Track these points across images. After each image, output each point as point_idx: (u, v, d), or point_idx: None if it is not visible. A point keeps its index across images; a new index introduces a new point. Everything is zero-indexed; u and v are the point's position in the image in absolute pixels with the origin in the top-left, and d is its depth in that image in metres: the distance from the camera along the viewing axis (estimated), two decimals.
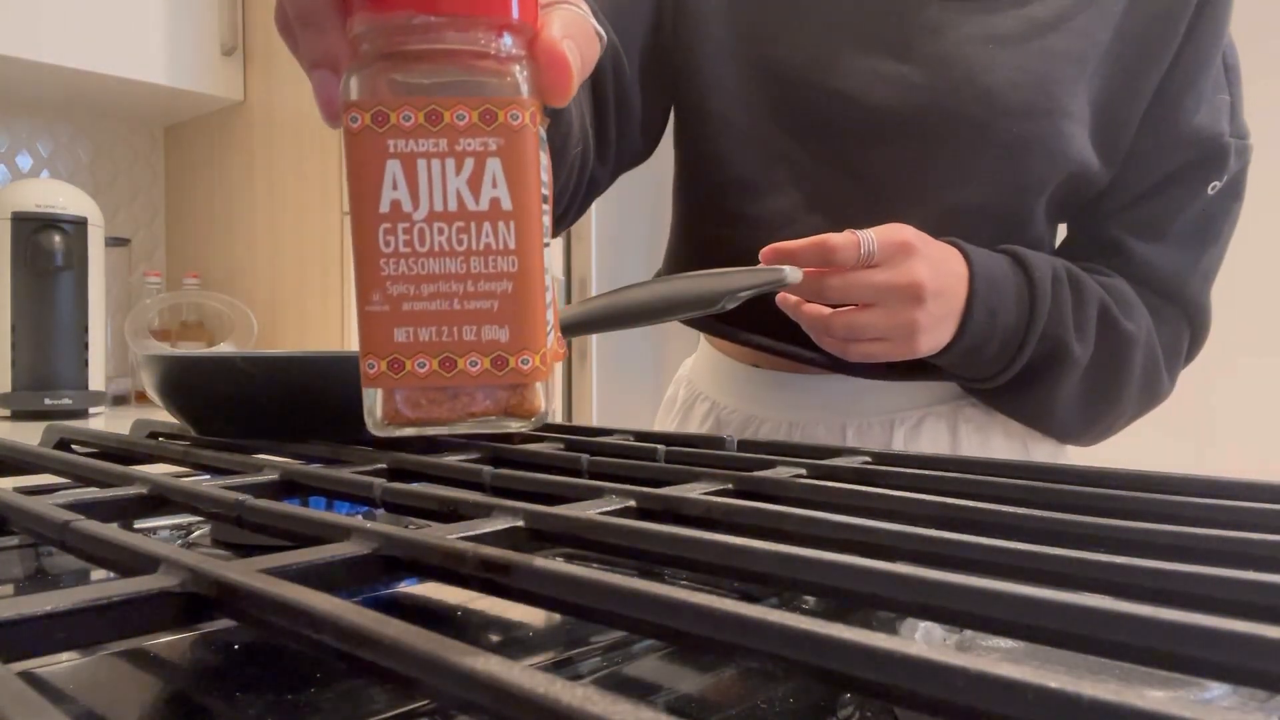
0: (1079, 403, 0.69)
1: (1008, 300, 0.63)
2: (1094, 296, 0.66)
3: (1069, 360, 0.65)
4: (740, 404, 0.77)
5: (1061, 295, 0.64)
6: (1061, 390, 0.67)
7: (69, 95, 1.69)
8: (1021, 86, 0.65)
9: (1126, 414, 0.73)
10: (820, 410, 0.72)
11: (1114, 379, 0.69)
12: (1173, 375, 0.73)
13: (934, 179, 0.67)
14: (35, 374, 1.40)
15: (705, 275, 0.48)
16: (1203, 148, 0.69)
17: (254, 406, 0.51)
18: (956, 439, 0.71)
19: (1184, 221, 0.71)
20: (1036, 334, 0.63)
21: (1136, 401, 0.72)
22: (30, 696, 0.14)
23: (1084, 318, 0.65)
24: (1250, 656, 0.16)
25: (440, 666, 0.15)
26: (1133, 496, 0.33)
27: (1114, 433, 0.75)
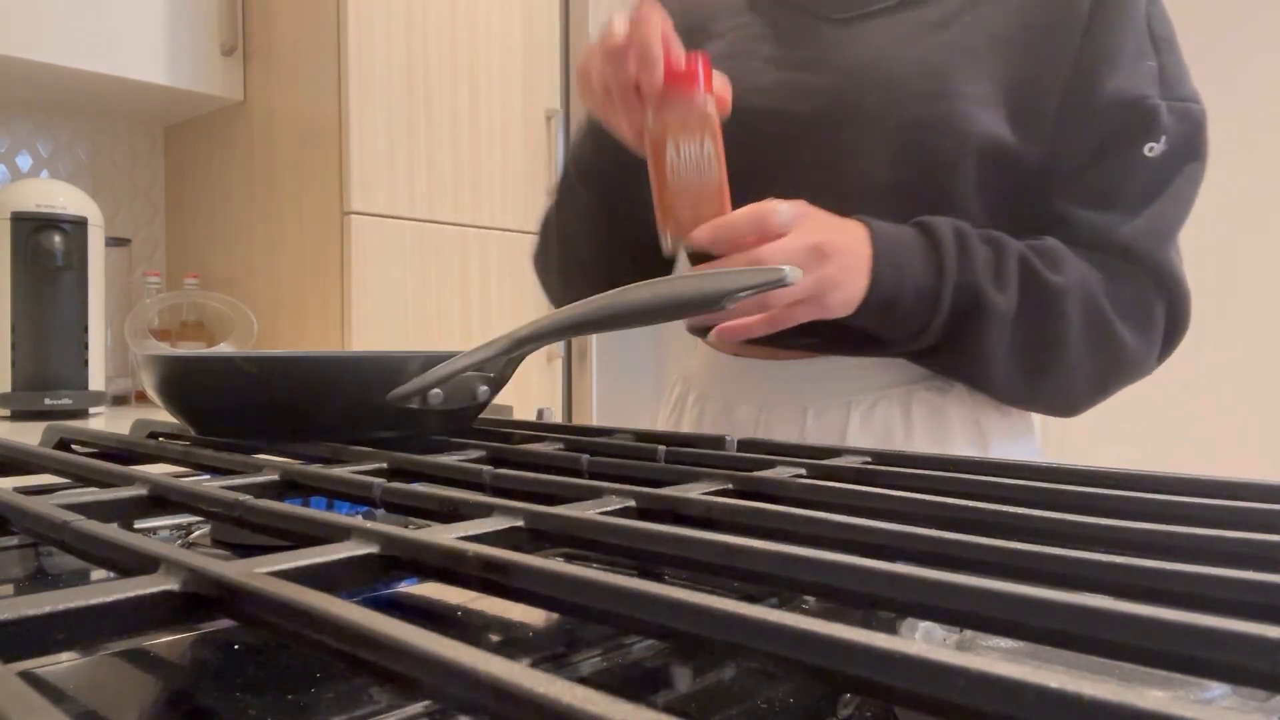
0: (1014, 358, 0.71)
1: (913, 256, 0.67)
2: (1013, 250, 0.69)
3: (990, 310, 0.68)
4: (721, 393, 0.83)
5: (970, 248, 0.68)
6: (990, 343, 0.69)
7: (69, 95, 1.69)
8: (918, 77, 0.73)
9: (1081, 372, 0.72)
10: (786, 394, 0.78)
11: (1047, 330, 0.70)
12: (1147, 338, 0.73)
13: (848, 169, 0.74)
14: (35, 374, 1.40)
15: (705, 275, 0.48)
16: (1127, 113, 0.72)
17: (254, 406, 0.51)
18: (910, 420, 0.76)
19: (1128, 186, 0.73)
20: (949, 284, 0.68)
21: (1090, 359, 0.72)
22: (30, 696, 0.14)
23: (1003, 270, 0.69)
24: (1250, 656, 0.16)
25: (440, 666, 0.15)
26: (1133, 496, 0.33)
27: (1079, 398, 0.75)
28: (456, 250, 1.71)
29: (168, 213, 1.95)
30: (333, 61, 1.57)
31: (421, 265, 1.66)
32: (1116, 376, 0.75)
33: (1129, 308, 0.73)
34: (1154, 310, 0.74)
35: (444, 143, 1.69)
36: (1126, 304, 0.73)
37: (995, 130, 0.72)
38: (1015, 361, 0.71)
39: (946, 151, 0.72)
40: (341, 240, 1.56)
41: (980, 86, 0.72)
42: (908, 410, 0.75)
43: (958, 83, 0.72)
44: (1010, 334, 0.70)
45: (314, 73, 1.60)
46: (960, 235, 0.69)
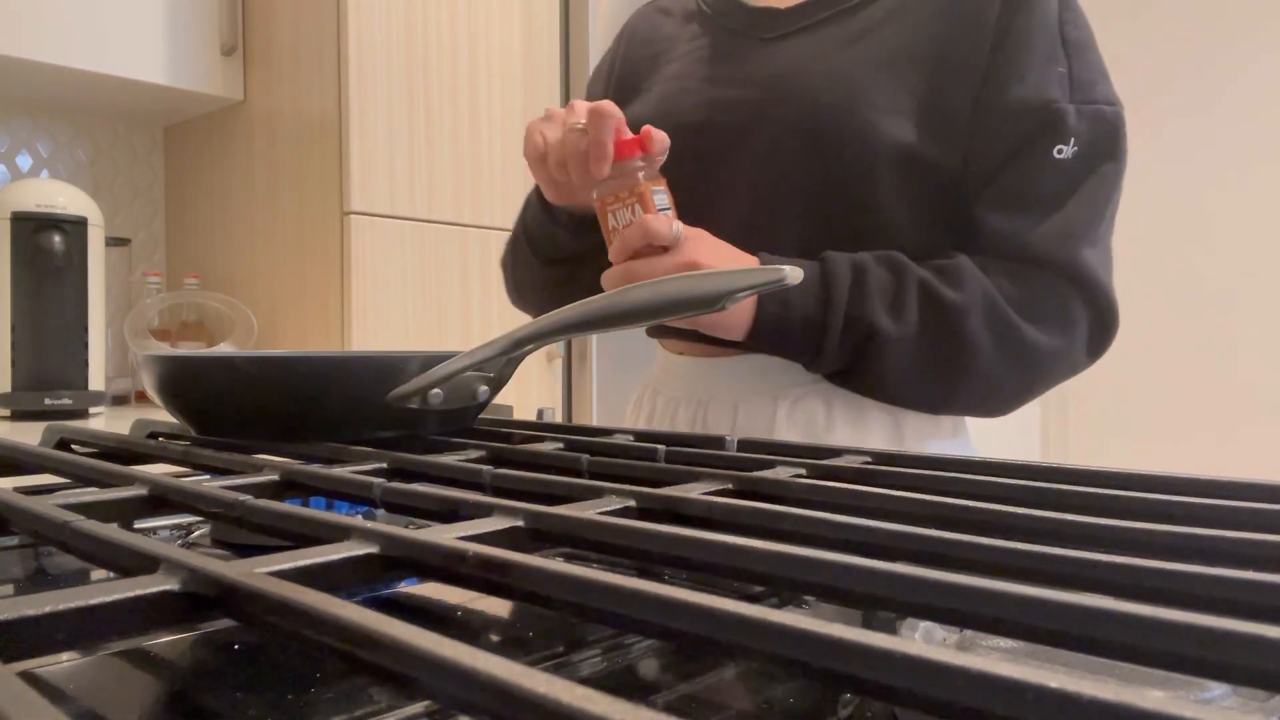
0: (922, 376, 0.74)
1: (804, 292, 0.73)
2: (912, 276, 0.73)
3: (885, 338, 0.72)
4: (668, 390, 0.89)
5: (866, 281, 0.73)
6: (891, 367, 0.73)
7: (69, 95, 1.69)
8: (829, 88, 0.77)
9: (996, 380, 0.75)
10: (721, 389, 0.84)
11: (951, 348, 0.73)
12: (1067, 336, 0.74)
13: (772, 177, 0.79)
14: (35, 374, 1.40)
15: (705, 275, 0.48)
16: (1035, 116, 0.74)
17: (254, 406, 0.51)
18: (831, 414, 0.80)
19: (1038, 189, 0.75)
20: (839, 315, 0.72)
21: (1004, 367, 0.74)
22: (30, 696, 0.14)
23: (902, 297, 0.73)
24: (1250, 656, 0.16)
25: (440, 666, 0.15)
26: (1133, 496, 0.33)
27: (1001, 403, 0.77)
28: (456, 250, 1.71)
29: (168, 213, 1.95)
30: (333, 61, 1.57)
31: (421, 265, 1.66)
32: (1039, 377, 0.76)
33: (1041, 311, 0.74)
34: (1071, 309, 0.75)
35: (444, 143, 1.69)
36: (1037, 308, 0.74)
37: (906, 139, 0.75)
38: (923, 379, 0.74)
39: (858, 159, 0.76)
40: (341, 240, 1.56)
41: (891, 97, 0.76)
42: (830, 405, 0.80)
43: (868, 94, 0.76)
44: (913, 355, 0.73)
45: (314, 73, 1.60)
46: (857, 268, 0.73)
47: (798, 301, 0.73)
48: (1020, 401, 0.78)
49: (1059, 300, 0.75)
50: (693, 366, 0.86)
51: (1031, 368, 0.75)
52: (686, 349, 0.87)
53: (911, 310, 0.73)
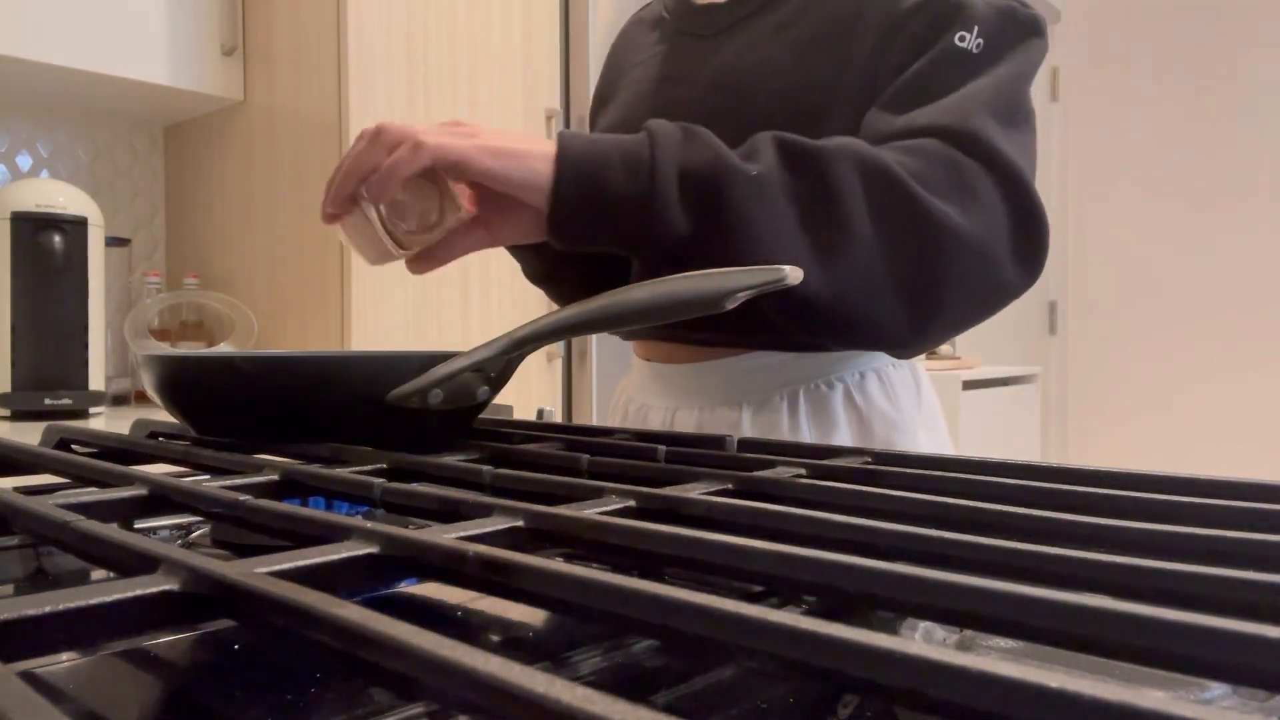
0: (797, 237, 0.62)
1: (615, 141, 0.62)
2: (764, 135, 0.64)
3: (737, 174, 0.61)
4: (640, 395, 0.89)
5: (697, 132, 0.63)
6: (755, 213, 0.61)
7: (69, 95, 1.69)
8: (769, 76, 0.75)
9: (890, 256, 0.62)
10: (689, 396, 0.83)
11: (823, 199, 0.62)
12: (980, 216, 0.63)
13: None
14: (35, 374, 1.40)
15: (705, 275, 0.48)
16: (931, 8, 0.70)
17: (254, 406, 0.51)
18: (797, 418, 0.79)
19: (939, 78, 0.69)
20: (670, 150, 0.61)
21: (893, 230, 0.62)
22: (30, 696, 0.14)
23: (753, 147, 0.63)
24: (1250, 656, 0.16)
25: (440, 666, 0.15)
26: (1133, 496, 0.33)
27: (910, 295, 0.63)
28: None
29: (168, 213, 1.95)
30: (333, 61, 1.57)
31: None
32: (949, 266, 0.63)
33: (935, 180, 0.63)
34: (974, 183, 0.64)
35: None
36: (930, 176, 0.64)
37: (847, 110, 0.72)
38: (799, 241, 0.62)
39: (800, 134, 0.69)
40: (340, 243, 1.56)
41: (829, 73, 0.73)
42: (795, 410, 0.79)
43: (804, 76, 0.74)
44: (778, 207, 0.61)
45: (314, 73, 1.60)
46: (685, 125, 0.64)
47: (612, 142, 0.61)
48: (934, 305, 0.63)
49: (956, 171, 0.64)
50: (661, 372, 0.86)
51: (934, 246, 0.62)
52: (655, 355, 0.87)
53: (766, 153, 0.63)
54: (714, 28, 0.83)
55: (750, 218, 0.61)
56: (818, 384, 0.80)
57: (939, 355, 2.83)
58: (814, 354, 0.80)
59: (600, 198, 0.60)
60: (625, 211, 0.61)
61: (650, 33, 0.92)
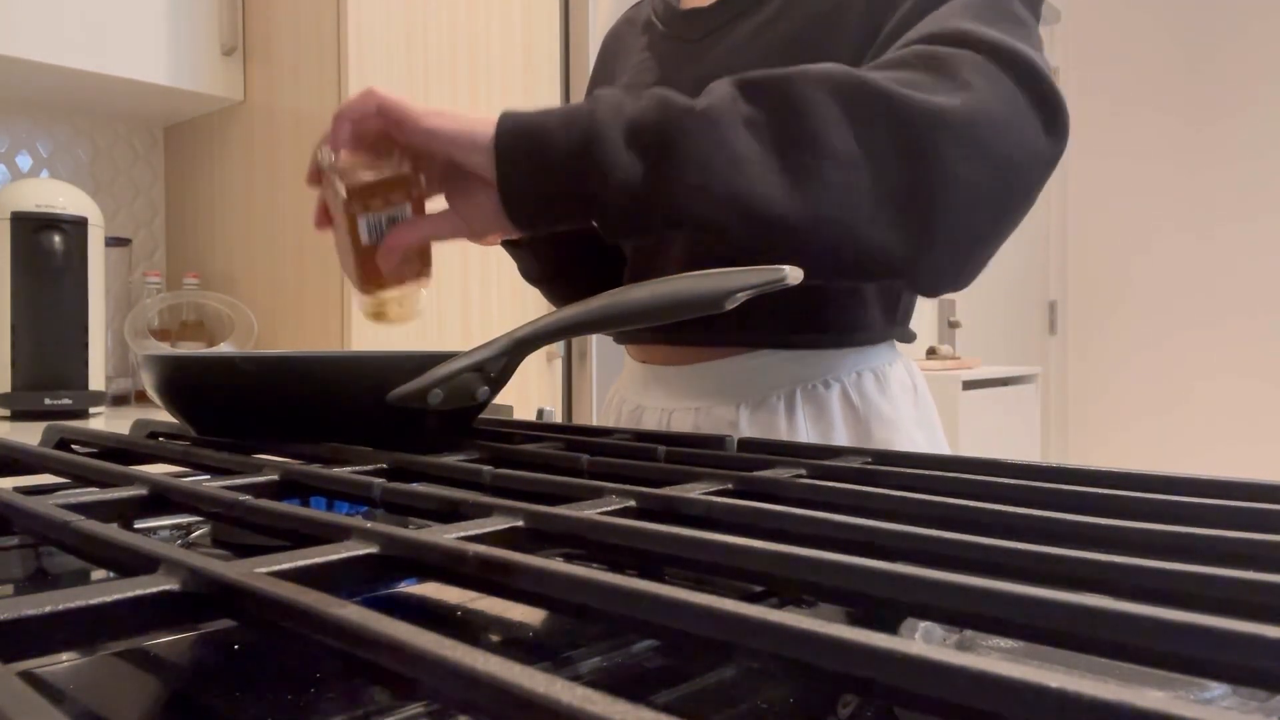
0: (767, 164, 0.57)
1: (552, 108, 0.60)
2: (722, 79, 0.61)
3: (685, 109, 0.58)
4: (634, 396, 0.89)
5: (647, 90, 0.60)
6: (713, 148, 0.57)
7: (69, 95, 1.69)
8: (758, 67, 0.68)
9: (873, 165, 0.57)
10: (685, 397, 0.83)
11: (789, 119, 0.57)
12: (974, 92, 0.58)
13: None
14: (35, 374, 1.40)
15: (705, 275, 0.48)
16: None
17: (254, 406, 0.51)
18: (794, 419, 0.78)
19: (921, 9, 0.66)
20: (610, 98, 0.59)
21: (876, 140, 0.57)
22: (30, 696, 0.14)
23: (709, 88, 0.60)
24: (1250, 656, 0.16)
25: (440, 666, 0.15)
26: (1133, 497, 0.33)
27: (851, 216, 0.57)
28: (456, 250, 1.71)
29: (168, 213, 1.95)
30: (333, 61, 1.57)
31: None
32: (945, 156, 0.56)
33: (918, 76, 0.58)
34: (959, 66, 0.58)
35: None
36: (912, 74, 0.59)
37: None
38: (765, 166, 0.57)
39: None
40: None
41: None
42: (792, 410, 0.79)
43: None
44: (736, 136, 0.57)
45: (314, 73, 1.60)
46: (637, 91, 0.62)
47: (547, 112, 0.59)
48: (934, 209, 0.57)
49: (938, 62, 0.59)
50: (657, 373, 0.86)
51: (921, 141, 0.56)
52: (650, 357, 0.87)
53: (719, 89, 0.59)
54: (699, 32, 0.83)
55: (706, 152, 0.57)
56: (814, 384, 0.80)
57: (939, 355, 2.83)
58: (811, 353, 0.80)
59: (542, 156, 0.57)
60: (572, 169, 0.57)
61: (640, 36, 0.91)
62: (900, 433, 0.80)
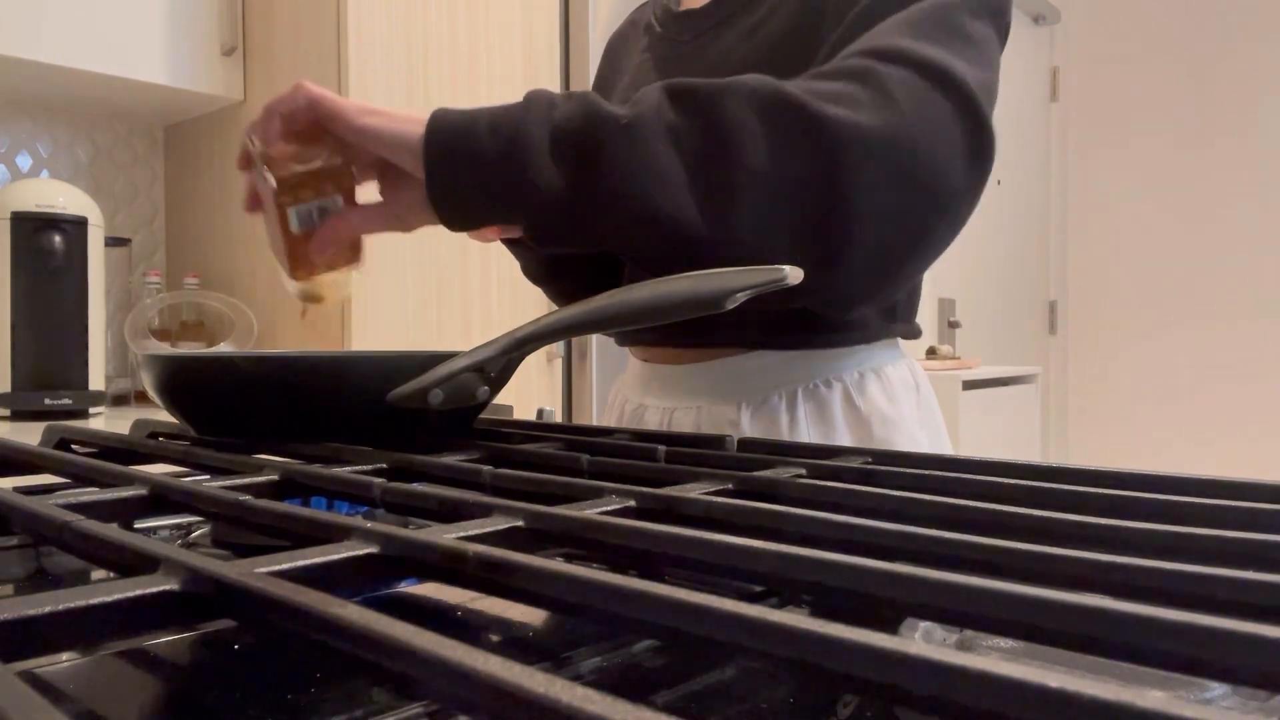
0: (680, 175, 0.57)
1: (482, 109, 0.60)
2: (654, 84, 0.61)
3: (609, 119, 0.57)
4: (636, 395, 0.89)
5: (579, 93, 0.61)
6: (634, 160, 0.57)
7: (69, 95, 1.69)
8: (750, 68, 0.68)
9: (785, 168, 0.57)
10: (687, 396, 0.83)
11: (706, 125, 0.57)
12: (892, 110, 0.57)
13: None
14: (35, 374, 1.40)
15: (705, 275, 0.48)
16: None
17: (254, 406, 0.51)
18: (795, 417, 0.78)
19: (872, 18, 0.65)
20: (539, 102, 0.59)
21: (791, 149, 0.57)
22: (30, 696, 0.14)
23: (639, 96, 0.60)
24: (1250, 656, 0.16)
25: (440, 666, 0.15)
26: (1133, 497, 0.33)
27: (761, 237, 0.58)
28: (456, 250, 1.71)
29: (168, 213, 1.95)
30: (333, 61, 1.57)
31: (421, 265, 1.66)
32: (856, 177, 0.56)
33: (840, 89, 0.58)
34: (885, 82, 0.58)
35: None
36: (835, 87, 0.58)
37: None
38: (684, 184, 0.57)
39: None
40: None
41: (800, 67, 0.68)
42: (794, 409, 0.79)
43: (781, 73, 0.67)
44: (659, 151, 0.57)
45: (314, 73, 1.60)
46: (572, 92, 0.62)
47: (481, 110, 0.59)
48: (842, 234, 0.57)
49: (864, 77, 0.58)
50: (659, 373, 0.86)
51: (832, 159, 0.56)
52: (652, 356, 0.88)
53: (645, 101, 0.59)
54: (694, 33, 0.83)
55: (629, 166, 0.56)
56: (816, 384, 0.80)
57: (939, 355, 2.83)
58: (812, 353, 0.80)
59: (469, 157, 0.58)
60: (496, 171, 0.58)
61: (641, 38, 0.91)
62: (902, 433, 0.80)
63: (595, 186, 0.57)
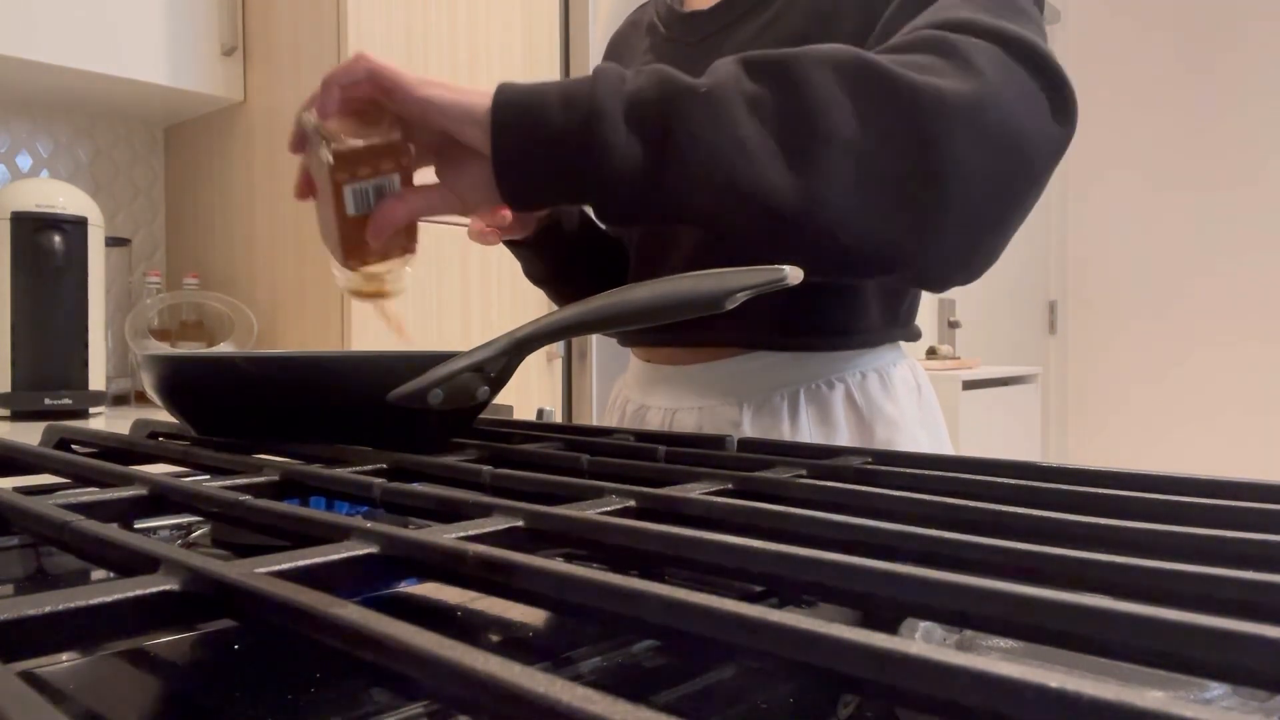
0: (766, 145, 0.56)
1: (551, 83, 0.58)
2: (728, 57, 0.60)
3: (687, 89, 0.56)
4: (638, 395, 0.89)
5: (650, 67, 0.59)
6: (712, 126, 0.55)
7: (69, 95, 1.69)
8: None
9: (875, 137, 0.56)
10: (689, 396, 0.83)
11: (790, 97, 0.56)
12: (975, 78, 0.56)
13: None
14: (35, 374, 1.40)
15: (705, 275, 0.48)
16: None
17: (254, 406, 0.51)
18: (797, 418, 0.78)
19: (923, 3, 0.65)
20: (612, 80, 0.57)
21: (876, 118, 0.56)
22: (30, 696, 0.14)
23: (714, 66, 0.59)
24: (1250, 656, 0.16)
25: (440, 666, 0.15)
26: (1133, 497, 0.33)
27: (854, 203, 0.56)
28: (456, 250, 1.71)
29: (168, 213, 1.95)
30: (333, 61, 1.57)
31: (422, 265, 1.66)
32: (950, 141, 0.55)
33: (924, 60, 0.58)
34: (966, 51, 0.57)
35: None
36: (918, 58, 0.58)
37: None
38: (768, 152, 0.56)
39: None
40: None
41: None
42: (795, 410, 0.79)
43: None
44: (739, 119, 0.56)
45: (314, 73, 1.60)
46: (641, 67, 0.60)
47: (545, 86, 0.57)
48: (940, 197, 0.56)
49: (944, 46, 0.58)
50: (661, 373, 0.86)
51: (925, 125, 0.55)
52: (654, 356, 0.88)
53: (723, 69, 0.57)
54: (699, 35, 0.83)
55: (708, 136, 0.55)
56: (818, 384, 0.80)
57: (939, 355, 2.83)
58: (814, 354, 0.80)
59: (540, 130, 0.56)
60: (568, 143, 0.56)
61: (644, 38, 0.91)
62: (904, 433, 0.80)
63: (676, 157, 0.56)
